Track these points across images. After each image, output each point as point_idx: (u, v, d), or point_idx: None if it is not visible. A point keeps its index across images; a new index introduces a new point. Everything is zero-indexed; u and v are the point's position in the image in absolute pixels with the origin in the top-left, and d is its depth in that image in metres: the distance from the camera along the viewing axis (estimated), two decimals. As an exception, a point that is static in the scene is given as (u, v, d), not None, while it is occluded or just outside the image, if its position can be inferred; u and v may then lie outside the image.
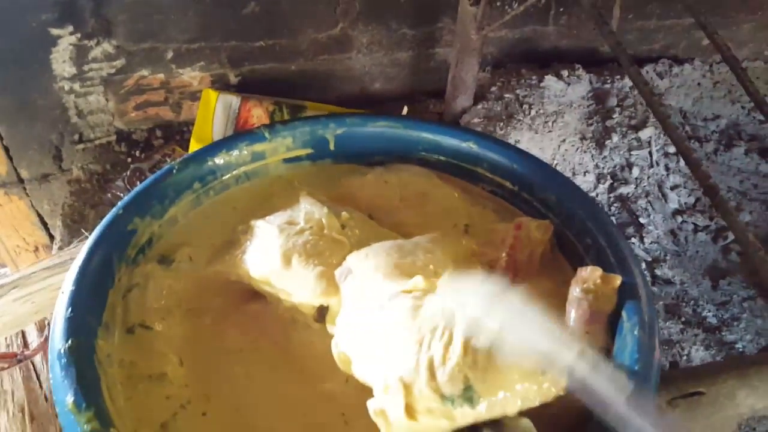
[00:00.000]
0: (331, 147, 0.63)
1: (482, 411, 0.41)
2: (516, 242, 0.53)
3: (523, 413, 0.43)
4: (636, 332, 0.45)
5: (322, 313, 0.51)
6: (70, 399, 0.42)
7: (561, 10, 1.02)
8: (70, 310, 0.46)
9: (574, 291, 0.49)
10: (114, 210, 0.53)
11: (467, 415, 0.41)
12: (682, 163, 1.00)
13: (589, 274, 0.48)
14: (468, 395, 0.41)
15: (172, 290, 0.52)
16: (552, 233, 0.55)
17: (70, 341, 0.45)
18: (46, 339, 0.73)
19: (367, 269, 0.48)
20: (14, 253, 1.14)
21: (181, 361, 0.50)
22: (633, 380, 0.41)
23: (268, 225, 0.53)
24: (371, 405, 0.43)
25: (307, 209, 0.53)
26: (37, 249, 1.14)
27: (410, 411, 0.41)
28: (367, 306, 0.47)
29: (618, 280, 0.48)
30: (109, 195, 0.96)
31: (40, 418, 0.69)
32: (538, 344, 0.41)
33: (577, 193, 0.56)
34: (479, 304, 0.43)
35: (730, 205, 0.56)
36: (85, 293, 0.48)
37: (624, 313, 0.47)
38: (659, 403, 0.47)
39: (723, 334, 0.84)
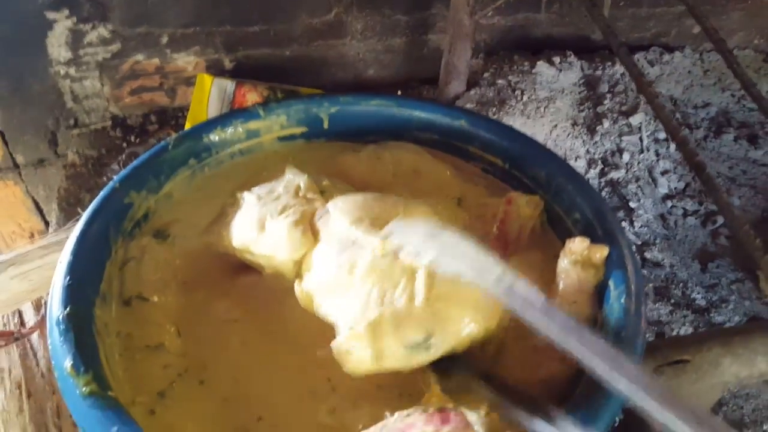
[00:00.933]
0: (325, 126, 0.64)
1: (437, 354, 0.45)
2: (506, 217, 0.54)
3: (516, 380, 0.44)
4: (623, 300, 0.46)
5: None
6: (68, 363, 0.42)
7: (554, -3, 1.04)
8: (68, 278, 0.47)
9: (563, 262, 0.50)
10: (110, 183, 0.54)
11: (423, 359, 0.45)
12: (672, 148, 1.01)
13: (577, 245, 0.49)
14: (427, 344, 0.45)
15: (168, 264, 0.53)
16: (542, 208, 0.56)
17: (68, 308, 0.45)
18: (43, 318, 0.74)
19: (341, 210, 0.50)
20: (9, 240, 1.14)
21: (179, 332, 0.51)
22: (619, 348, 0.42)
23: (249, 195, 0.54)
24: (335, 345, 0.46)
25: (289, 179, 0.54)
26: (32, 235, 1.14)
27: (378, 356, 0.45)
28: (335, 247, 0.49)
29: (605, 250, 0.49)
30: (104, 178, 0.96)
31: (36, 395, 0.70)
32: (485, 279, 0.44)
33: (566, 169, 0.57)
34: (429, 246, 0.46)
35: (717, 182, 0.57)
36: (83, 263, 0.49)
37: (611, 282, 0.48)
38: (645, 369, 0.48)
39: (712, 315, 0.86)
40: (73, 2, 0.89)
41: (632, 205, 0.93)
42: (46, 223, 1.11)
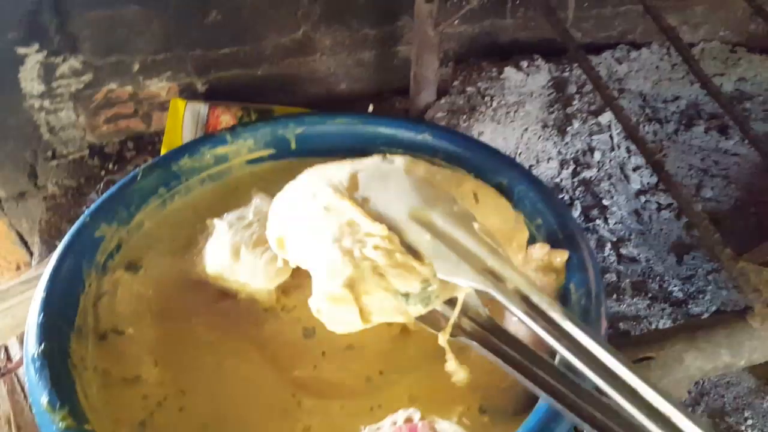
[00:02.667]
0: (293, 146, 0.65)
1: (436, 305, 0.44)
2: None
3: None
4: (582, 302, 0.47)
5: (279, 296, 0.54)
6: (44, 399, 0.43)
7: (517, 2, 1.05)
8: (42, 315, 0.48)
9: (525, 268, 0.51)
10: (81, 218, 0.55)
11: (420, 310, 0.44)
12: (643, 144, 1.03)
13: (538, 251, 0.51)
14: (425, 295, 0.43)
15: (141, 295, 0.54)
16: (505, 215, 0.57)
17: (43, 345, 0.46)
18: (28, 351, 0.75)
19: (320, 169, 0.51)
20: (-4, 273, 1.15)
21: (156, 362, 0.52)
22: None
23: (220, 222, 0.55)
24: (313, 303, 0.45)
25: (257, 204, 0.55)
26: (18, 267, 1.15)
27: (364, 315, 0.43)
28: (306, 195, 0.49)
29: (565, 254, 0.50)
30: (84, 208, 0.97)
31: (26, 428, 0.71)
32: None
33: (527, 176, 0.58)
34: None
35: (675, 180, 0.59)
36: (57, 299, 0.50)
37: (572, 285, 0.49)
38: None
39: (689, 307, 0.87)
40: (42, 36, 0.90)
41: (606, 202, 0.95)
42: (32, 255, 1.11)
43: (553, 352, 0.41)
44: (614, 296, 0.87)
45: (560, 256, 0.50)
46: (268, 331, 0.55)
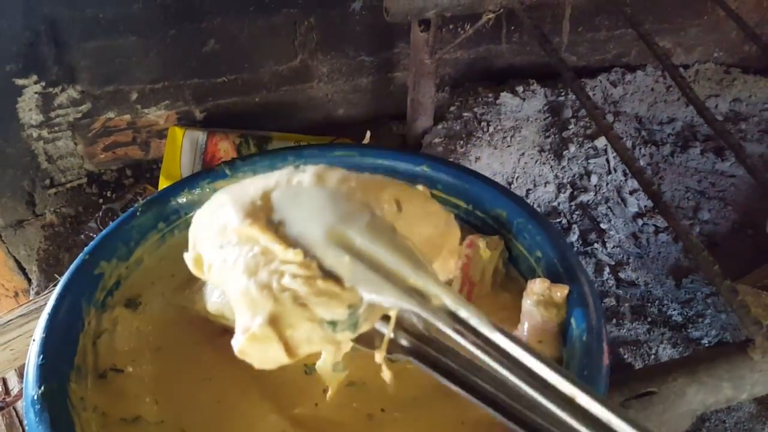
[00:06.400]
0: (292, 179, 0.65)
1: (366, 328, 0.41)
2: (468, 260, 0.55)
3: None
4: (584, 338, 0.47)
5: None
6: (44, 443, 0.43)
7: (512, 28, 1.06)
8: (41, 357, 0.48)
9: (526, 303, 0.51)
10: (80, 255, 0.55)
11: (349, 336, 0.41)
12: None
13: (538, 286, 0.50)
14: (353, 320, 0.40)
15: (141, 332, 0.53)
16: (502, 247, 0.57)
17: (42, 387, 0.46)
18: (26, 385, 0.74)
19: (233, 189, 0.48)
20: (-6, 300, 1.14)
21: (156, 400, 0.52)
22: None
23: (220, 259, 0.55)
24: (236, 345, 0.41)
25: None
26: (17, 294, 1.14)
27: (290, 350, 0.40)
28: (219, 221, 0.45)
29: (566, 289, 0.50)
30: (82, 236, 0.97)
31: (24, 463, 0.70)
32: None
33: (526, 208, 0.58)
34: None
35: (674, 210, 0.59)
36: (56, 339, 0.49)
37: (573, 321, 0.49)
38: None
39: (689, 331, 0.87)
40: (40, 67, 0.90)
41: (603, 226, 0.95)
42: (30, 282, 1.11)
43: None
44: (614, 321, 0.87)
45: (561, 291, 0.50)
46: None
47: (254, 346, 0.40)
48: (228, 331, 0.55)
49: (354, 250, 0.41)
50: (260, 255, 0.42)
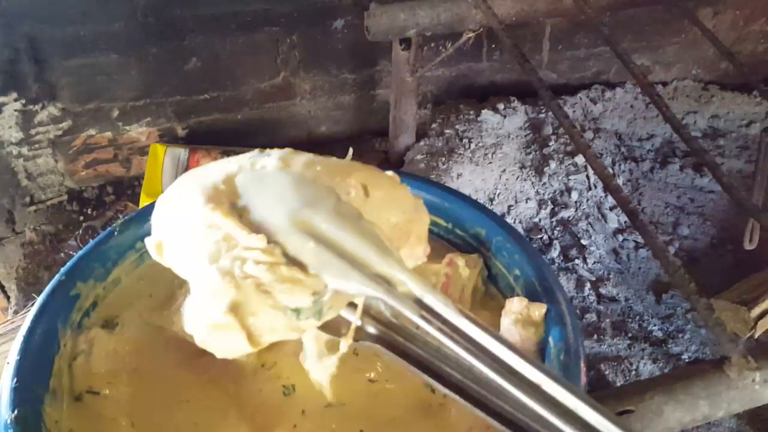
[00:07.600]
0: (272, 197, 0.65)
1: (331, 315, 0.40)
2: (448, 279, 0.55)
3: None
4: (561, 357, 0.48)
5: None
6: (16, 469, 0.42)
7: (493, 46, 1.07)
8: (15, 380, 0.47)
9: (504, 322, 0.51)
10: (57, 276, 0.54)
11: (314, 323, 0.40)
12: (619, 182, 1.04)
13: (516, 305, 0.51)
14: (318, 308, 0.39)
15: (118, 354, 0.53)
16: (481, 266, 0.57)
17: (16, 411, 0.45)
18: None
19: (197, 172, 0.47)
20: (-28, 319, 1.13)
21: (132, 423, 0.51)
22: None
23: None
24: (196, 334, 0.41)
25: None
26: (-5, 312, 1.13)
27: (253, 338, 0.40)
28: (182, 204, 0.44)
29: (543, 308, 0.51)
30: (62, 255, 0.96)
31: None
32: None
33: (504, 226, 0.59)
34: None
35: (650, 229, 0.59)
36: (30, 362, 0.49)
37: (550, 340, 0.49)
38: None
39: (669, 346, 0.88)
40: (20, 85, 0.90)
41: (584, 242, 0.96)
42: (9, 300, 1.10)
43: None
44: (595, 336, 0.87)
45: (539, 310, 0.50)
46: (247, 388, 0.54)
47: (216, 335, 0.40)
48: (205, 352, 0.55)
49: (319, 236, 0.40)
50: (222, 241, 0.41)
